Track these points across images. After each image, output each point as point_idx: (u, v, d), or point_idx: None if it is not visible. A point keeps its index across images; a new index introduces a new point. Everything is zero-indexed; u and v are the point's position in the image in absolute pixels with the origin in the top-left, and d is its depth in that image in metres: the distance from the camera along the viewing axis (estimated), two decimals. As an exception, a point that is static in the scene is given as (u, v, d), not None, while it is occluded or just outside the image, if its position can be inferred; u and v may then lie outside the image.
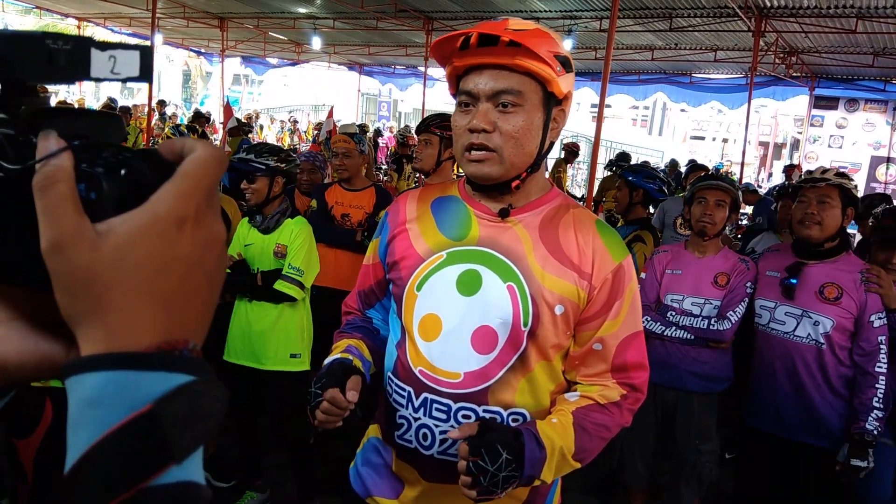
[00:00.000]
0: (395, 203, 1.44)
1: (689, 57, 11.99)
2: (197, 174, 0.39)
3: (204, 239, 0.39)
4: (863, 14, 8.37)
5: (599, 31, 10.50)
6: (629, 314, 1.30)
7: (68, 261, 0.35)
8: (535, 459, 1.15)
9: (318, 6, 11.65)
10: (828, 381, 2.42)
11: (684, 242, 2.96)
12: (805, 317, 2.43)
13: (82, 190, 0.36)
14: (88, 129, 0.40)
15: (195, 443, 0.36)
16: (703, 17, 9.36)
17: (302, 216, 2.94)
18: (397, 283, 1.34)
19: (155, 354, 0.36)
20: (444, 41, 1.24)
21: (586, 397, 1.28)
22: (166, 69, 26.36)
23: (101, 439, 0.33)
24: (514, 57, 1.17)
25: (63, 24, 17.43)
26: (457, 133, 1.26)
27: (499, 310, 1.24)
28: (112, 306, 0.35)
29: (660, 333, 2.79)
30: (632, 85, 13.89)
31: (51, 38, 0.37)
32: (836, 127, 13.07)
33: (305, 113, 21.15)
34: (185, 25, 14.52)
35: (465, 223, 1.31)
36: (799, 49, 10.78)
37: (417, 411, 1.29)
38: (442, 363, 1.26)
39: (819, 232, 2.40)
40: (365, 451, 1.45)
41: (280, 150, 2.94)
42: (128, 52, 0.41)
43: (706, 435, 2.83)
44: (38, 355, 0.41)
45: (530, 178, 1.28)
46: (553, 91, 1.22)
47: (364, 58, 16.63)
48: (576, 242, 1.27)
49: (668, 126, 26.78)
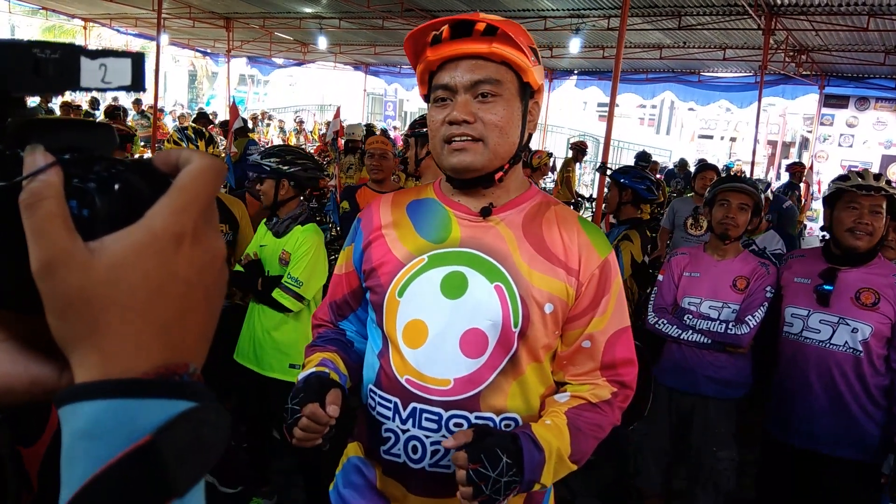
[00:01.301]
0: (368, 208, 1.39)
1: (697, 55, 11.92)
2: (194, 188, 0.36)
3: (202, 256, 0.37)
4: (875, 11, 8.28)
5: (607, 29, 10.45)
6: (616, 309, 1.27)
7: (60, 283, 0.33)
8: (534, 463, 1.10)
9: (324, 6, 11.64)
10: (866, 390, 2.33)
11: (703, 245, 2.91)
12: (842, 324, 2.33)
13: (74, 207, 0.34)
14: (79, 141, 0.38)
15: (197, 475, 0.34)
16: (712, 14, 9.29)
17: (315, 224, 2.84)
18: (376, 290, 1.28)
19: (154, 381, 0.34)
20: (416, 35, 1.21)
21: (577, 397, 1.25)
22: (172, 70, 26.44)
23: (97, 474, 0.31)
24: (491, 44, 1.15)
25: (69, 25, 17.49)
26: (433, 128, 1.22)
27: (487, 311, 1.20)
28: (107, 330, 0.34)
29: (676, 337, 2.74)
30: (639, 84, 13.83)
31: (38, 47, 0.36)
32: (846, 126, 12.96)
33: (311, 113, 21.17)
34: (191, 26, 14.56)
35: (444, 224, 1.27)
36: (809, 47, 10.69)
37: (405, 423, 1.23)
38: (430, 370, 1.21)
39: (868, 243, 2.31)
40: (345, 471, 1.38)
41: (288, 152, 2.85)
42: (119, 60, 0.39)
43: (724, 442, 2.77)
44: (29, 379, 0.39)
45: (511, 171, 1.25)
46: (528, 81, 1.21)
47: (370, 57, 16.63)
48: (561, 239, 1.25)
49: (676, 125, 26.68)
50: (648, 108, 25.53)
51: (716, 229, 2.76)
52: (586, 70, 14.62)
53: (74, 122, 0.40)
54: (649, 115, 27.16)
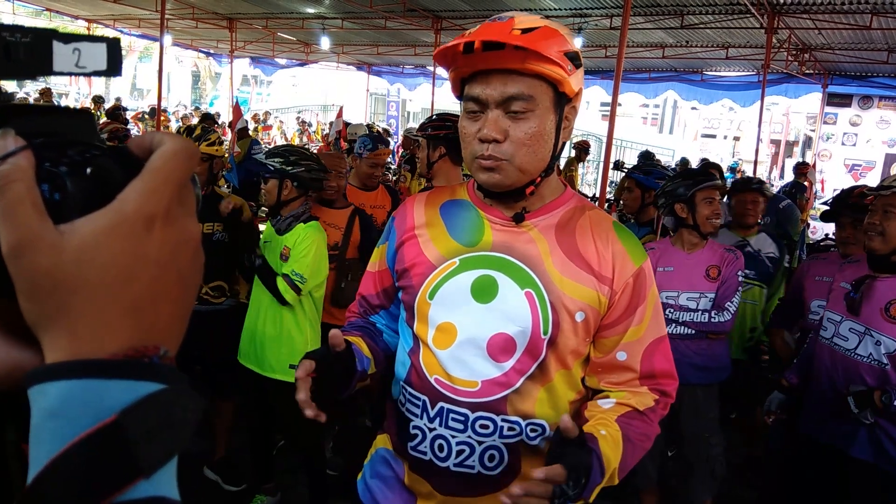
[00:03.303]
0: (402, 207, 1.38)
1: (700, 54, 11.89)
2: (166, 169, 0.36)
3: (175, 239, 0.37)
4: (877, 10, 8.26)
5: (610, 28, 10.43)
6: (653, 318, 1.25)
7: (29, 265, 0.33)
8: (594, 485, 1.09)
9: (327, 6, 11.65)
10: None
11: (669, 238, 2.94)
12: (867, 335, 2.25)
13: (46, 190, 0.34)
14: (55, 127, 0.38)
15: (165, 455, 0.34)
16: (715, 13, 9.27)
17: (317, 222, 2.85)
18: (408, 291, 1.29)
19: (121, 362, 0.34)
20: (446, 49, 1.16)
21: (623, 405, 1.23)
22: (176, 70, 26.47)
23: (62, 452, 0.31)
24: (524, 62, 1.10)
25: (73, 27, 17.53)
26: (466, 140, 1.21)
27: (517, 317, 1.19)
28: (76, 311, 0.34)
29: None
30: (642, 83, 13.80)
31: (7, 31, 0.35)
32: (849, 124, 12.92)
33: (314, 113, 21.18)
34: (194, 26, 14.58)
35: (477, 228, 1.26)
36: (812, 46, 10.66)
37: (433, 421, 1.24)
38: (458, 372, 1.21)
39: (881, 244, 2.23)
40: (374, 462, 1.39)
41: (292, 152, 2.85)
42: (94, 44, 0.39)
43: (713, 427, 2.84)
44: (9, 364, 0.39)
45: (544, 181, 1.23)
46: (565, 91, 1.17)
47: (373, 57, 16.62)
48: (594, 246, 1.22)
49: (679, 124, 26.61)
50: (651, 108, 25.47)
51: (705, 227, 2.78)
52: (588, 69, 14.59)
53: (50, 108, 0.39)
54: (652, 115, 27.10)
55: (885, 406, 2.10)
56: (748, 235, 3.57)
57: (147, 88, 24.25)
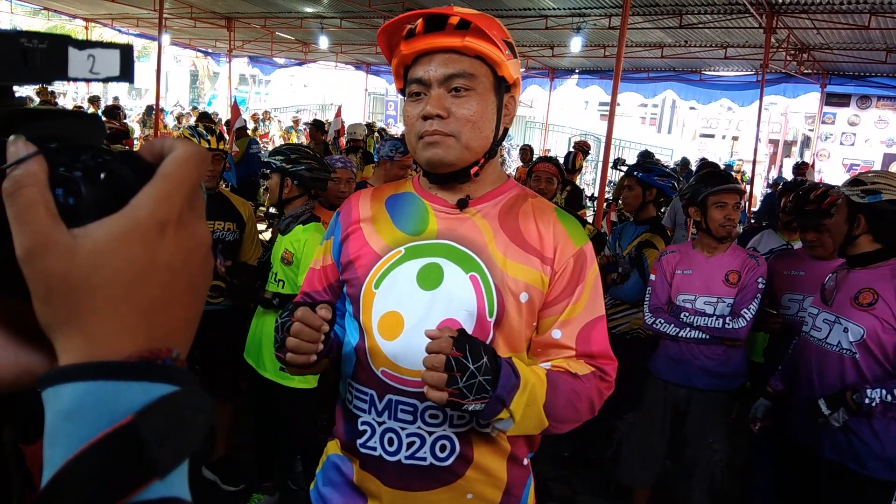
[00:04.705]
0: (347, 202, 1.39)
1: (699, 54, 11.91)
2: (178, 175, 0.37)
3: (187, 243, 0.37)
4: (876, 10, 8.28)
5: (608, 28, 10.44)
6: (590, 299, 1.26)
7: (44, 268, 0.34)
8: (509, 383, 1.08)
9: (326, 6, 11.65)
10: None
11: (692, 241, 2.91)
12: (836, 323, 2.27)
13: (60, 195, 0.35)
14: (67, 132, 0.39)
15: (178, 457, 0.34)
16: (713, 13, 9.28)
17: (318, 223, 2.79)
18: (353, 282, 1.28)
19: (136, 364, 0.34)
20: (389, 28, 1.21)
21: (557, 367, 1.24)
22: (174, 70, 26.45)
23: (77, 454, 0.32)
24: (464, 38, 1.15)
25: (71, 26, 17.51)
26: (409, 123, 1.23)
27: (463, 301, 1.20)
28: (90, 314, 0.34)
29: (674, 335, 2.74)
30: (641, 83, 13.82)
31: (25, 37, 0.36)
32: (848, 124, 12.94)
33: (312, 113, 21.18)
34: (193, 26, 14.59)
35: (421, 217, 1.28)
36: (811, 46, 10.68)
37: (381, 415, 1.23)
38: (406, 362, 1.21)
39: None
40: (325, 469, 1.37)
41: (294, 151, 2.83)
42: (107, 51, 0.39)
43: (719, 433, 2.80)
44: (18, 366, 0.40)
45: (488, 165, 1.26)
46: (503, 75, 1.21)
47: (371, 57, 16.63)
48: (536, 229, 1.25)
49: (678, 124, 26.65)
50: (650, 107, 25.52)
51: (717, 232, 2.74)
52: (587, 69, 14.61)
53: (62, 112, 0.40)
54: (651, 114, 27.14)
55: (857, 405, 2.10)
56: (793, 240, 3.47)
57: (145, 88, 24.20)
